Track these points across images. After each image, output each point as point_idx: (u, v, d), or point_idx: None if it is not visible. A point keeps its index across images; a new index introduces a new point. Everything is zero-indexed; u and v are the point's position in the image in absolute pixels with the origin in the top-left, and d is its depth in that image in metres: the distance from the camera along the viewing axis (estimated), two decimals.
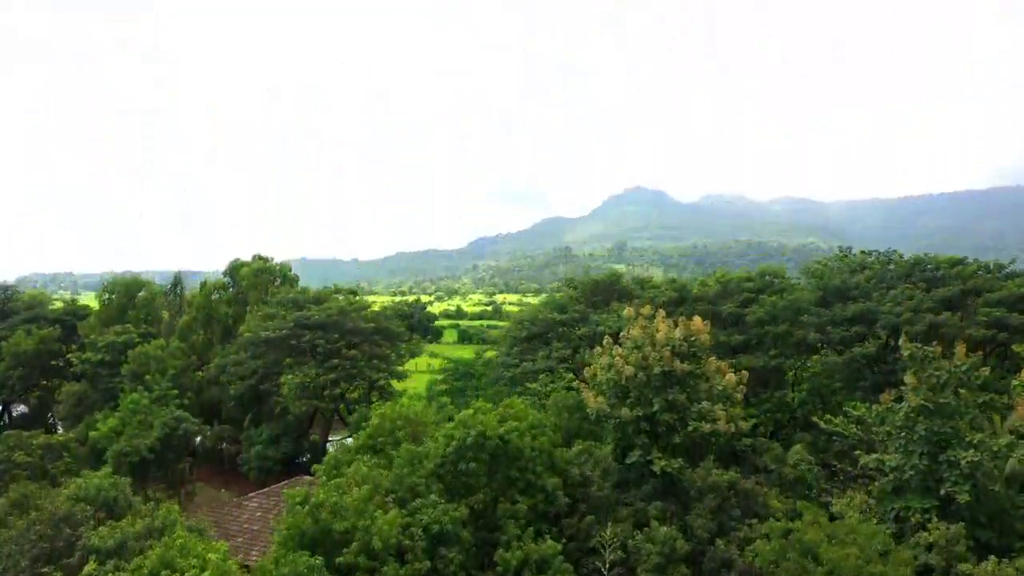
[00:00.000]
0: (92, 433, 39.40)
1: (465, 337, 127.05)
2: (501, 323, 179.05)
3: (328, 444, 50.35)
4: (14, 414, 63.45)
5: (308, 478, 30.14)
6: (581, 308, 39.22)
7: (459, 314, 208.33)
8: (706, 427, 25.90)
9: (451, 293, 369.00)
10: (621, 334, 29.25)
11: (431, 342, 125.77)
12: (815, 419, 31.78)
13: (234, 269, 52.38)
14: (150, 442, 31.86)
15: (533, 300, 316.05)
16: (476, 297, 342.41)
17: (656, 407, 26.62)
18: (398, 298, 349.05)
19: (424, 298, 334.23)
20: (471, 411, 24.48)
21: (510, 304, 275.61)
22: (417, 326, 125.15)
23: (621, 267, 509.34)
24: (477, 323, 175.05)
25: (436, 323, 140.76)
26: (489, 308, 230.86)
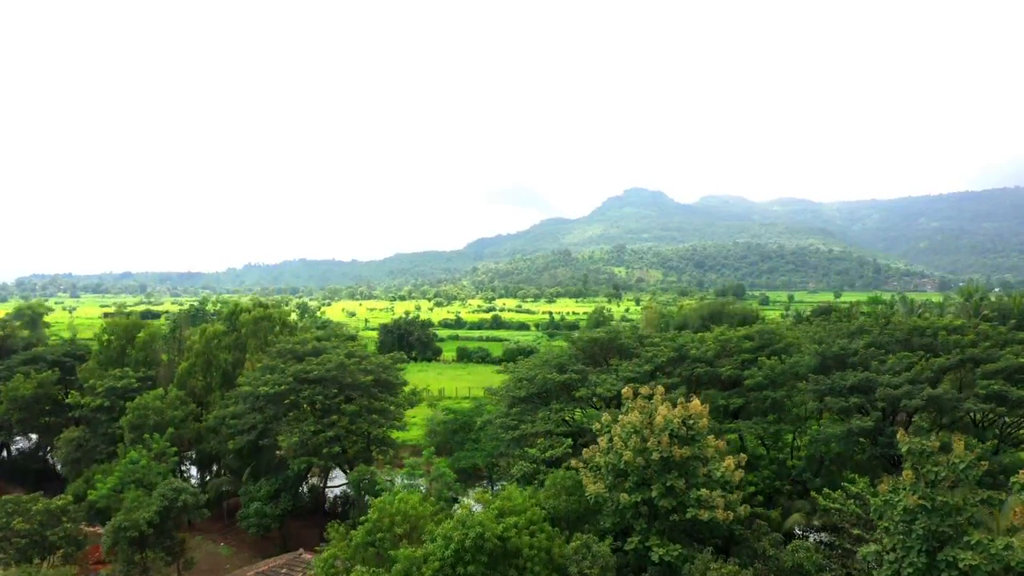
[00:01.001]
0: (91, 493, 39.44)
1: (464, 354, 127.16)
2: (500, 332, 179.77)
3: (327, 490, 50.45)
4: (14, 451, 63.64)
5: (307, 557, 30.14)
6: (580, 367, 39.26)
7: (458, 323, 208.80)
8: (704, 514, 26.01)
9: (450, 299, 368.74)
10: (620, 417, 29.26)
11: (431, 360, 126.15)
12: (813, 494, 31.81)
13: (234, 315, 52.32)
14: (149, 515, 31.82)
15: (532, 306, 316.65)
16: (475, 303, 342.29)
17: (655, 492, 26.75)
18: (397, 302, 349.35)
19: (423, 303, 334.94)
20: (467, 507, 24.50)
21: (509, 310, 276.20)
22: (417, 343, 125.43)
23: (620, 270, 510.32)
24: (476, 334, 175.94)
25: (436, 335, 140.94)
26: (488, 315, 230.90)
